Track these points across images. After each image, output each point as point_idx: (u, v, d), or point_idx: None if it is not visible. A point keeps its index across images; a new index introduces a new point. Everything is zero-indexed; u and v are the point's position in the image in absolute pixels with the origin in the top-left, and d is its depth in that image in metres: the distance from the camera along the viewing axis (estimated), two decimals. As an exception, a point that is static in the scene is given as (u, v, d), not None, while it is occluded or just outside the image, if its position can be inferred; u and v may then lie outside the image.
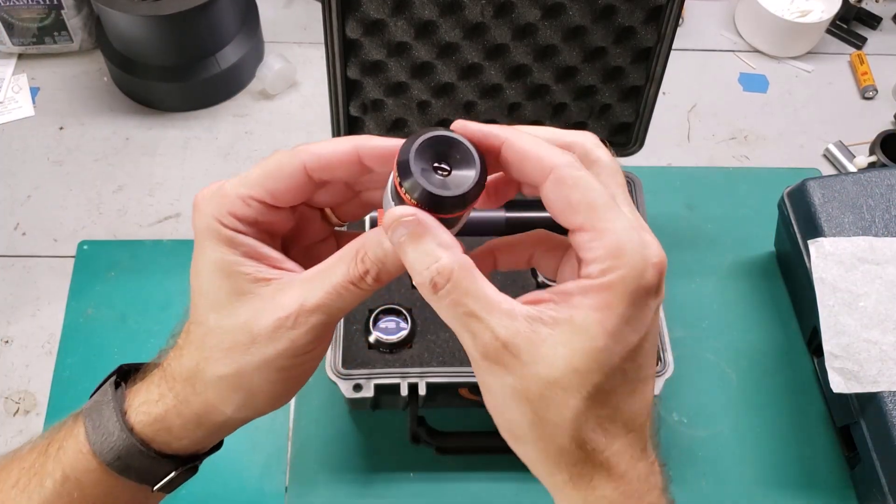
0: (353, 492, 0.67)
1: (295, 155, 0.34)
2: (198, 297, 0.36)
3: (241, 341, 0.34)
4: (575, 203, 0.30)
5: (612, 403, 0.31)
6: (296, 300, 0.33)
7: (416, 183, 0.30)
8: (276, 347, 0.33)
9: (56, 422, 0.70)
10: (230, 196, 0.35)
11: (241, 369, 0.34)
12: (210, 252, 0.35)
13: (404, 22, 0.62)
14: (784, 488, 0.69)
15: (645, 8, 0.62)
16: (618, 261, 0.29)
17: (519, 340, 0.30)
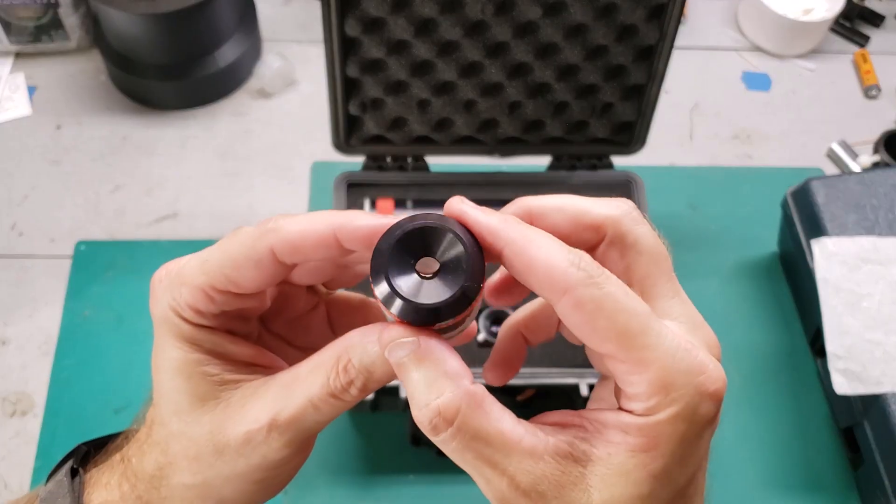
0: (352, 494, 0.66)
1: (261, 238, 0.28)
2: (159, 395, 0.31)
3: (207, 452, 0.29)
4: (602, 331, 0.24)
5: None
6: (267, 412, 0.28)
7: (391, 295, 0.25)
8: (248, 462, 0.29)
9: (54, 424, 0.70)
10: (189, 285, 0.30)
11: (208, 481, 0.29)
12: (168, 349, 0.31)
13: (404, 20, 0.62)
14: (787, 490, 0.68)
15: (647, 6, 0.62)
16: (667, 397, 0.24)
17: (545, 487, 0.24)
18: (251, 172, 0.85)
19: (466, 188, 0.71)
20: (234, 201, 0.83)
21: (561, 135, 0.70)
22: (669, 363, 0.24)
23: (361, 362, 0.27)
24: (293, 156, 0.87)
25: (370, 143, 0.70)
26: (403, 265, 0.25)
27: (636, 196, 0.71)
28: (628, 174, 0.72)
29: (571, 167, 0.73)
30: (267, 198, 0.84)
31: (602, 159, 0.72)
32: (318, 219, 0.28)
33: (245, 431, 0.28)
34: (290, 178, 0.85)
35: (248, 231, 0.29)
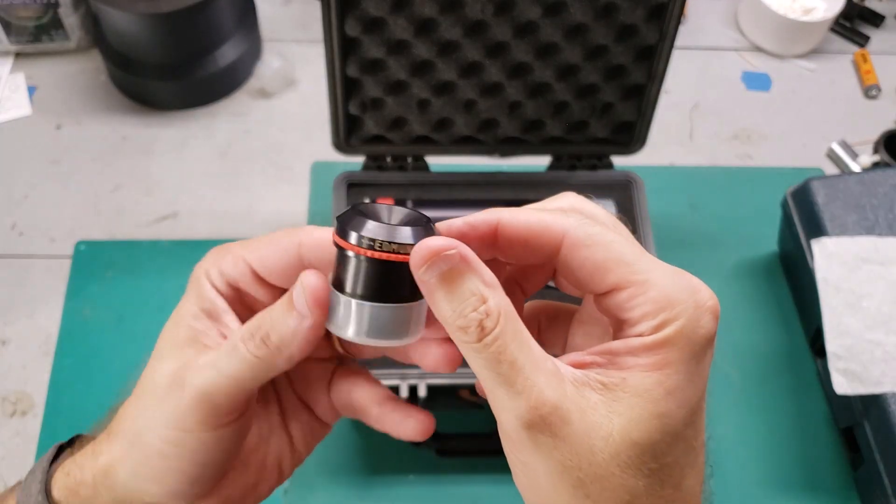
0: (352, 494, 0.66)
1: (293, 232, 0.31)
2: (138, 405, 0.32)
3: (146, 393, 0.31)
4: (602, 262, 0.26)
5: (674, 480, 0.27)
6: (203, 359, 0.30)
7: (383, 228, 0.26)
8: (165, 408, 0.29)
9: (54, 423, 0.70)
10: (228, 253, 0.32)
11: (140, 428, 0.31)
12: (183, 301, 0.33)
13: (404, 20, 0.62)
14: (786, 490, 0.68)
15: (647, 6, 0.62)
16: (671, 312, 0.25)
17: (568, 408, 0.24)
18: (251, 172, 0.85)
19: (466, 188, 0.71)
20: (234, 201, 0.83)
21: (561, 135, 0.70)
22: (669, 282, 0.26)
23: (280, 336, 0.28)
24: (293, 156, 0.87)
25: (370, 143, 0.70)
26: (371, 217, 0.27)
27: (636, 196, 0.71)
28: (628, 174, 0.72)
29: (571, 167, 0.73)
30: (267, 198, 0.84)
31: (602, 159, 0.72)
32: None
33: (170, 372, 0.30)
34: (290, 178, 0.85)
35: (286, 228, 0.32)
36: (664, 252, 0.69)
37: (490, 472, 0.68)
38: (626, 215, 0.70)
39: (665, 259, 0.77)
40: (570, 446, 0.25)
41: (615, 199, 0.71)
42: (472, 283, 0.25)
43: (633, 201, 0.71)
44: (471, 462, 0.68)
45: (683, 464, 0.27)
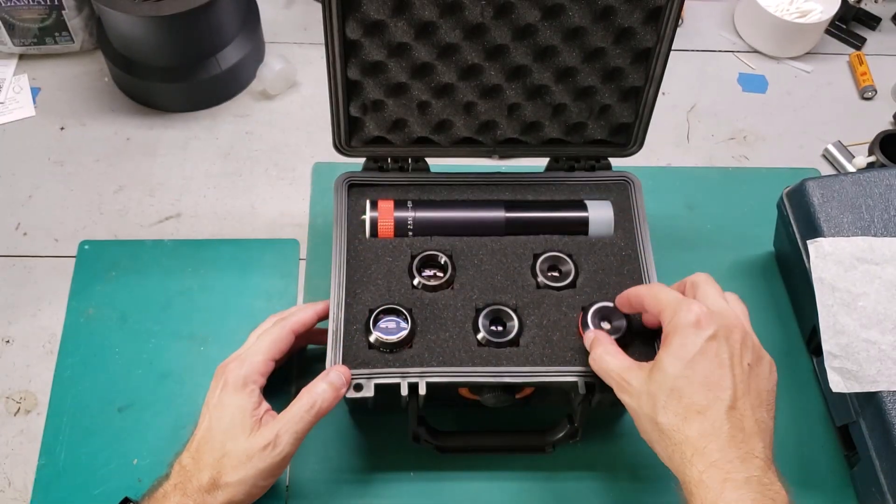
0: (353, 491, 0.67)
1: (285, 327, 0.64)
2: (216, 428, 0.59)
3: (243, 459, 0.57)
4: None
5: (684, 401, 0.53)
6: (273, 431, 0.58)
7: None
8: (264, 460, 0.58)
9: (57, 421, 0.71)
10: (256, 362, 0.62)
11: (245, 476, 0.57)
12: (237, 398, 0.60)
13: (404, 23, 0.62)
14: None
15: (644, 9, 0.62)
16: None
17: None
18: (253, 173, 0.86)
19: (466, 188, 0.72)
20: (237, 202, 0.84)
21: (559, 136, 0.71)
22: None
23: (320, 392, 0.60)
24: (295, 157, 0.88)
25: (371, 145, 0.71)
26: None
27: (633, 196, 0.71)
28: (626, 175, 0.73)
29: (570, 168, 0.73)
30: (269, 198, 0.84)
31: (600, 160, 0.73)
32: (308, 309, 0.67)
33: (264, 443, 0.58)
34: (292, 179, 0.86)
35: (279, 325, 0.65)
36: (662, 252, 0.70)
37: (490, 469, 0.68)
38: (623, 215, 0.71)
39: (663, 259, 0.78)
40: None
41: (613, 199, 0.71)
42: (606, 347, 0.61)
43: (630, 202, 0.71)
44: (471, 459, 0.69)
45: (689, 391, 0.54)
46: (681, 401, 0.52)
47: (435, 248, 0.68)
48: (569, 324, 0.65)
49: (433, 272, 0.67)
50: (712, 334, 0.53)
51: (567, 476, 0.68)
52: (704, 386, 0.52)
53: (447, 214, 0.70)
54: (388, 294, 0.66)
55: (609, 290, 0.66)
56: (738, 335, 0.55)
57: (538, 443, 0.67)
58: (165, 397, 0.71)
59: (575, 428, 0.64)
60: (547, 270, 0.68)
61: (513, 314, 0.65)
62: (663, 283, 0.60)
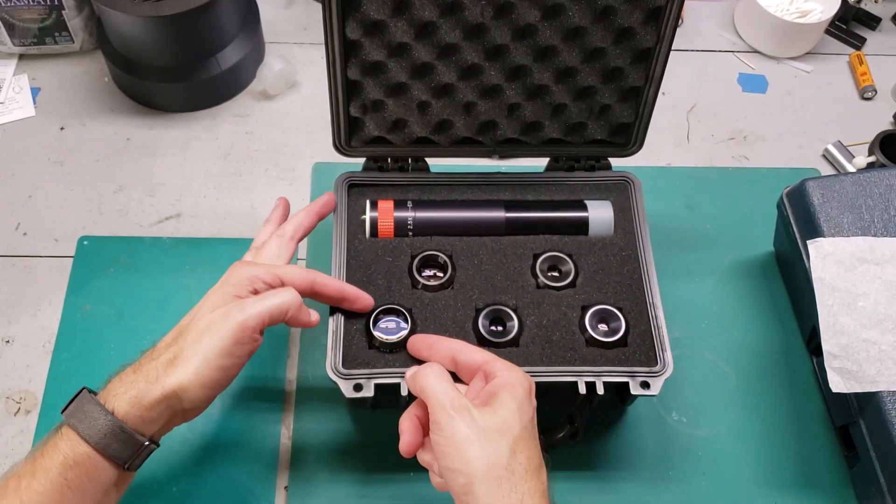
0: (353, 491, 0.67)
1: (286, 233, 0.65)
2: (201, 340, 0.54)
3: (203, 329, 0.55)
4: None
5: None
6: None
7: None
8: (224, 329, 0.54)
9: (52, 417, 0.71)
10: (269, 306, 0.57)
11: (203, 349, 0.54)
12: (231, 333, 0.55)
13: (404, 23, 0.62)
14: (783, 488, 0.69)
15: (644, 9, 0.62)
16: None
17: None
18: (253, 173, 0.86)
19: (466, 188, 0.72)
20: (237, 202, 0.84)
21: (559, 136, 0.71)
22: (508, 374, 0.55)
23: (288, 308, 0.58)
24: (295, 157, 0.88)
25: (371, 145, 0.71)
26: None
27: (633, 196, 0.71)
28: (626, 175, 0.73)
29: (570, 168, 0.73)
30: (269, 198, 0.84)
31: (600, 160, 0.73)
32: (310, 215, 0.67)
33: (225, 311, 0.56)
34: (292, 179, 0.86)
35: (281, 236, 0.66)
36: (662, 252, 0.70)
37: (489, 469, 0.68)
38: (623, 215, 0.71)
39: (663, 259, 0.78)
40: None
41: (613, 199, 0.71)
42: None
43: (630, 202, 0.71)
44: (470, 459, 0.69)
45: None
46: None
47: (435, 248, 0.68)
48: (569, 324, 0.65)
49: (433, 272, 0.67)
50: (534, 409, 0.55)
51: (567, 476, 0.68)
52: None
53: (447, 214, 0.70)
54: (388, 294, 0.66)
55: (609, 290, 0.66)
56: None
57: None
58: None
59: (575, 428, 0.64)
60: (547, 270, 0.68)
61: (513, 314, 0.65)
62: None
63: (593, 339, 0.63)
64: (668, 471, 0.69)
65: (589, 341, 0.64)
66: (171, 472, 0.67)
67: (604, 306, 0.65)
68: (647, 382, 0.62)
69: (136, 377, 0.53)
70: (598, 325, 0.64)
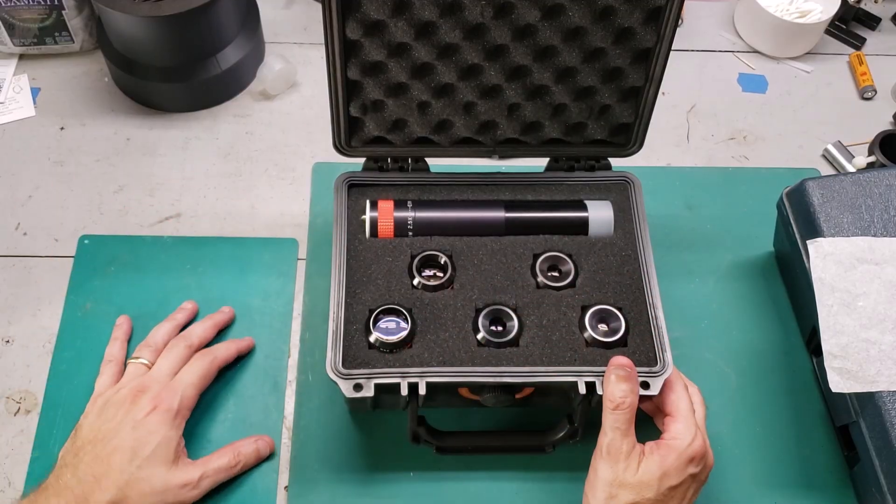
0: (353, 491, 0.67)
1: (214, 363, 0.68)
2: (137, 451, 0.59)
3: (158, 490, 0.58)
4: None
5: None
6: (197, 472, 0.61)
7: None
8: (178, 497, 0.60)
9: (52, 415, 0.71)
10: (189, 396, 0.64)
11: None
12: (167, 428, 0.61)
13: (404, 23, 0.62)
14: (783, 487, 0.69)
15: (644, 9, 0.62)
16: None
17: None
18: (253, 173, 0.86)
19: (466, 188, 0.72)
20: (237, 202, 0.84)
21: (559, 136, 0.71)
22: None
23: (247, 454, 0.65)
24: (295, 157, 0.88)
25: (371, 145, 0.71)
26: None
27: (633, 196, 0.71)
28: (626, 175, 0.73)
29: (570, 168, 0.73)
30: (269, 198, 0.84)
31: (600, 160, 0.73)
32: (231, 348, 0.71)
33: (186, 480, 0.61)
34: (292, 179, 0.86)
35: (204, 361, 0.68)
36: (661, 252, 0.70)
37: (489, 469, 0.68)
38: (623, 216, 0.71)
39: (663, 259, 0.78)
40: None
41: (613, 199, 0.72)
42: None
43: (630, 202, 0.71)
44: (470, 459, 0.69)
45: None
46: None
47: (435, 248, 0.68)
48: (569, 324, 0.65)
49: (433, 272, 0.67)
50: (695, 474, 0.58)
51: (567, 476, 0.68)
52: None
53: (447, 214, 0.70)
54: (388, 294, 0.66)
55: (609, 290, 0.66)
56: (705, 476, 0.60)
57: (538, 443, 0.67)
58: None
59: (575, 428, 0.64)
60: (547, 270, 0.68)
61: (513, 314, 0.65)
62: (684, 388, 0.63)
63: (593, 339, 0.64)
64: (668, 471, 0.69)
65: (589, 341, 0.64)
66: (171, 472, 0.67)
67: (604, 306, 0.65)
68: (647, 382, 0.62)
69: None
70: (598, 325, 0.64)
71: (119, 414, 0.61)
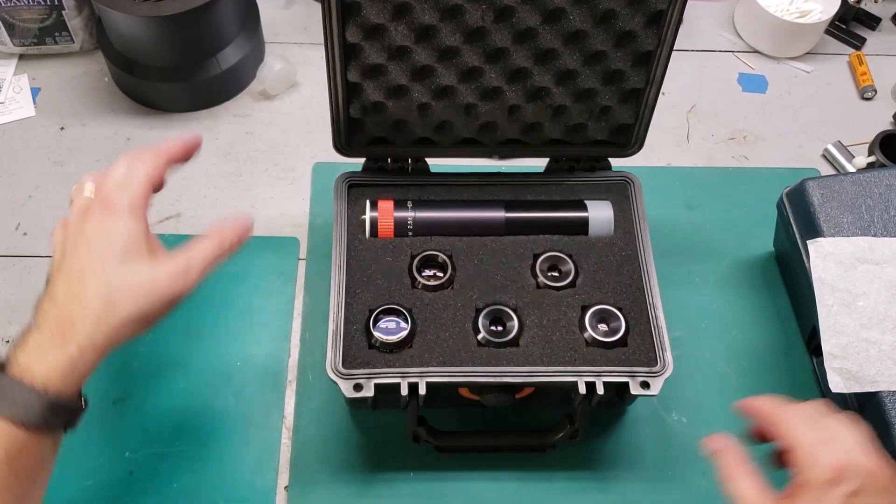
0: (353, 491, 0.67)
1: (161, 155, 0.56)
2: (95, 258, 0.51)
3: (147, 286, 0.51)
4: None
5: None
6: (182, 259, 0.52)
7: None
8: (172, 288, 0.51)
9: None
10: (141, 185, 0.53)
11: (146, 305, 0.51)
12: (126, 222, 0.52)
13: (405, 26, 0.62)
14: (782, 487, 0.69)
15: (646, 12, 0.62)
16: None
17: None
18: (253, 173, 0.86)
19: (466, 189, 0.72)
20: (237, 202, 0.84)
21: (560, 137, 0.71)
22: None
23: (229, 232, 0.55)
24: (295, 157, 0.88)
25: (371, 146, 0.71)
26: None
27: (633, 197, 0.71)
28: (626, 175, 0.73)
29: (570, 168, 0.73)
30: (269, 198, 0.84)
31: (600, 161, 0.73)
32: (177, 142, 0.57)
33: (174, 269, 0.52)
34: (292, 179, 0.86)
35: (149, 154, 0.56)
36: (661, 251, 0.70)
37: (490, 468, 0.68)
38: (623, 216, 0.71)
39: (663, 259, 0.78)
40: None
41: (613, 199, 0.72)
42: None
43: (630, 202, 0.71)
44: (470, 459, 0.69)
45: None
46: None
47: (435, 248, 0.68)
48: (569, 324, 0.65)
49: (433, 272, 0.67)
50: (853, 491, 0.47)
51: (567, 476, 0.68)
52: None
53: (447, 214, 0.70)
54: (388, 294, 0.66)
55: (609, 290, 0.67)
56: (879, 485, 0.48)
57: (538, 443, 0.67)
58: (160, 391, 0.71)
59: (575, 428, 0.64)
60: (547, 270, 0.68)
61: (513, 314, 0.65)
62: (797, 408, 0.53)
63: (593, 339, 0.64)
64: (668, 471, 0.69)
65: (589, 341, 0.64)
66: (172, 471, 0.67)
67: (604, 306, 0.65)
68: (647, 382, 0.62)
69: (52, 340, 0.50)
70: (598, 325, 0.64)
71: (73, 234, 0.54)
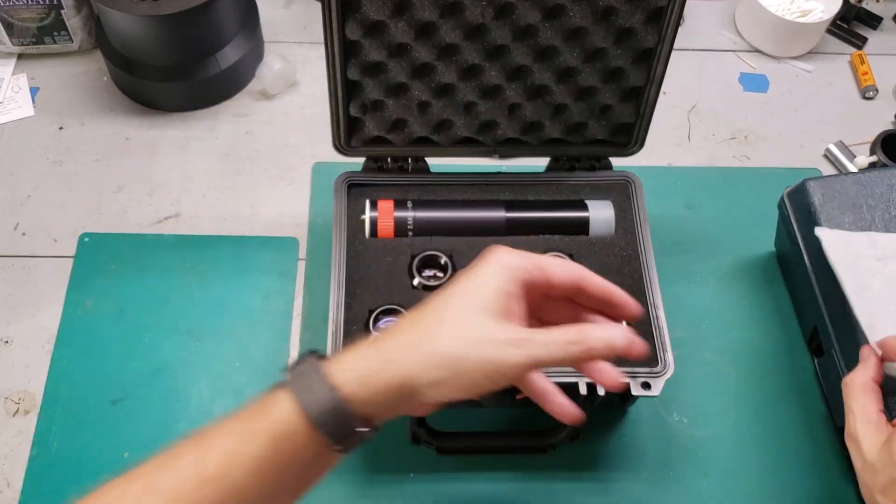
0: (352, 492, 0.67)
1: (577, 267, 0.49)
2: (452, 298, 0.45)
3: (472, 335, 0.43)
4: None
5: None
6: (526, 334, 0.43)
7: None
8: (495, 354, 0.42)
9: (51, 413, 0.71)
10: (535, 258, 0.47)
11: (462, 355, 0.42)
12: (496, 277, 0.45)
13: (404, 23, 0.62)
14: (784, 488, 0.69)
15: (646, 9, 0.62)
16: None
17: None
18: (253, 173, 0.86)
19: (466, 188, 0.72)
20: (236, 202, 0.84)
21: (560, 136, 0.71)
22: None
23: (594, 337, 0.44)
24: (294, 156, 0.88)
25: (371, 145, 0.70)
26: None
27: (634, 196, 0.71)
28: (626, 175, 0.73)
29: (570, 168, 0.73)
30: (268, 198, 0.84)
31: (601, 160, 0.73)
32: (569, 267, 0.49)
33: (513, 334, 0.43)
34: (292, 179, 0.86)
35: (564, 261, 0.50)
36: (662, 252, 0.70)
37: (490, 469, 0.68)
38: (624, 215, 0.70)
39: (664, 259, 0.78)
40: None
41: (613, 199, 0.71)
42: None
43: (631, 202, 0.71)
44: (470, 460, 0.69)
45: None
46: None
47: (435, 248, 0.68)
48: (569, 324, 0.64)
49: (433, 272, 0.67)
50: None
51: (568, 477, 0.68)
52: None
53: (447, 214, 0.69)
54: (388, 294, 0.65)
55: (609, 290, 0.66)
56: None
57: (538, 443, 0.66)
58: (160, 392, 0.70)
59: (575, 429, 0.64)
60: (547, 271, 0.67)
61: (513, 314, 0.64)
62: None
63: (594, 339, 0.63)
64: (669, 471, 0.69)
65: (589, 342, 0.64)
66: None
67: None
68: (648, 383, 0.62)
69: (370, 352, 0.44)
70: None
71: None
